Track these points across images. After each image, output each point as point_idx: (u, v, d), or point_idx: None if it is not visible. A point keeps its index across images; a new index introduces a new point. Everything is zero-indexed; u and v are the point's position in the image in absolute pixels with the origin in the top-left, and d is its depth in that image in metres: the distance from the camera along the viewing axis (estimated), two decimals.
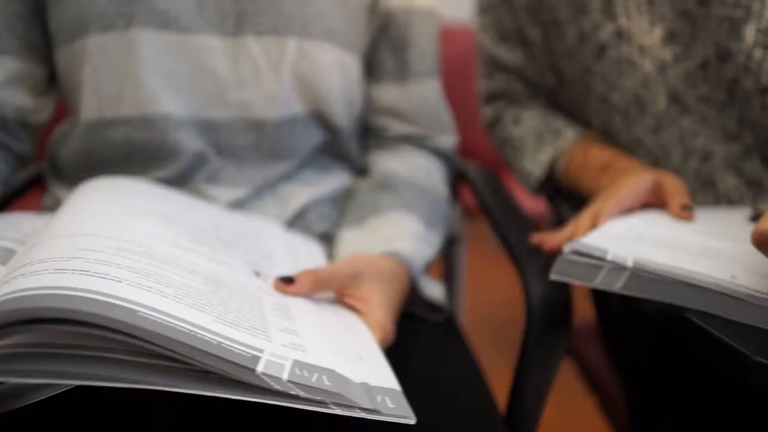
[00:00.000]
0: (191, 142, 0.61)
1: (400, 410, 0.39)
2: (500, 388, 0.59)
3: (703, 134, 0.64)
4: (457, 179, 0.81)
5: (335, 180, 0.70)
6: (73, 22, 0.59)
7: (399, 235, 0.60)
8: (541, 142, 0.75)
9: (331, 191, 0.69)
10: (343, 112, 0.67)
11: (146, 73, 0.59)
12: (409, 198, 0.65)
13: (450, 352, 0.60)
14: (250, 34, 0.62)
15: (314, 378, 0.37)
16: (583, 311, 0.77)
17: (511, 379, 0.59)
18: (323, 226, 0.66)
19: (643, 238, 0.51)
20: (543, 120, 0.76)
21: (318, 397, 0.36)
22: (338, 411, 0.37)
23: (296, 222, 0.65)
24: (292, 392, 0.36)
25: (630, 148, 0.69)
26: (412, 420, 0.39)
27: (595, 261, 0.47)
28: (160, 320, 0.35)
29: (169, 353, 0.34)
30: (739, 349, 0.38)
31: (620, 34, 0.65)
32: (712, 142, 0.64)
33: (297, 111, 0.64)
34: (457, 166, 0.78)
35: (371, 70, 0.72)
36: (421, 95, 0.72)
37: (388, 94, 0.71)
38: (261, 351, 0.37)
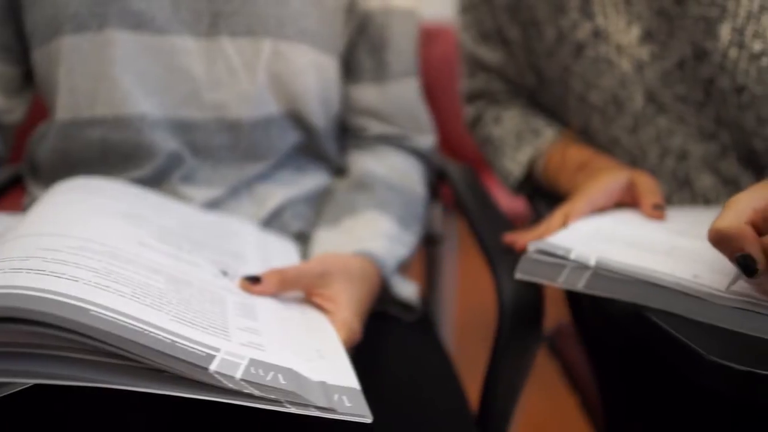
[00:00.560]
0: (166, 143, 0.61)
1: (356, 409, 0.39)
2: None
3: (680, 133, 0.64)
4: (439, 179, 0.81)
5: (313, 180, 0.70)
6: (47, 22, 0.60)
7: (372, 235, 0.60)
8: (520, 141, 0.75)
9: (308, 191, 0.69)
10: (319, 112, 0.67)
11: (121, 73, 0.59)
12: (384, 198, 0.66)
13: (423, 352, 0.60)
14: (225, 34, 0.62)
15: (269, 377, 0.38)
16: (567, 312, 0.78)
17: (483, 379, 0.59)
18: (299, 225, 0.66)
19: (612, 238, 0.52)
20: (523, 120, 0.77)
21: (272, 396, 0.37)
22: (293, 410, 0.37)
23: (272, 221, 0.65)
24: (246, 391, 0.36)
25: (608, 147, 0.69)
26: (368, 419, 0.39)
27: (559, 260, 0.47)
28: (112, 319, 0.35)
29: (121, 352, 0.34)
30: (694, 348, 0.38)
31: (597, 34, 0.65)
32: (689, 142, 0.64)
33: (273, 111, 0.65)
34: (436, 165, 0.78)
35: (349, 70, 0.72)
36: (400, 95, 0.72)
37: (367, 94, 0.72)
38: (217, 350, 0.38)
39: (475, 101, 0.83)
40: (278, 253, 0.60)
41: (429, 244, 0.85)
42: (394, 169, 0.69)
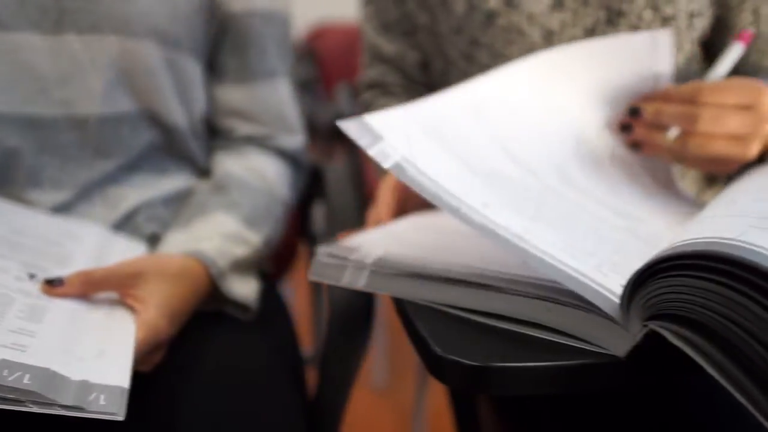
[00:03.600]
0: (6, 139, 0.61)
1: (110, 407, 0.40)
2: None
3: None
4: (318, 179, 0.82)
5: (174, 181, 0.71)
6: None
7: (208, 235, 0.62)
8: None
9: (168, 193, 0.70)
10: (179, 111, 0.68)
11: None
12: (235, 198, 0.67)
13: (256, 350, 0.61)
14: (71, 31, 0.62)
15: (13, 377, 0.39)
16: None
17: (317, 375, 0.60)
18: (153, 227, 0.67)
19: (413, 235, 0.52)
20: None
21: (11, 396, 0.38)
22: (35, 409, 0.38)
23: (124, 225, 0.66)
24: None
25: None
26: (119, 417, 0.40)
27: (342, 261, 0.48)
28: None
29: None
30: (431, 344, 0.39)
31: (510, 2, 0.66)
32: None
33: (125, 109, 0.66)
34: (308, 165, 0.79)
35: (214, 71, 0.73)
36: (264, 95, 0.73)
37: (232, 94, 0.73)
38: None
39: (370, 90, 0.84)
40: (120, 257, 0.61)
41: (311, 244, 0.86)
42: (252, 170, 0.70)
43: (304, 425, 0.57)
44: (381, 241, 0.51)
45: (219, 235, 0.62)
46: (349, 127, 0.43)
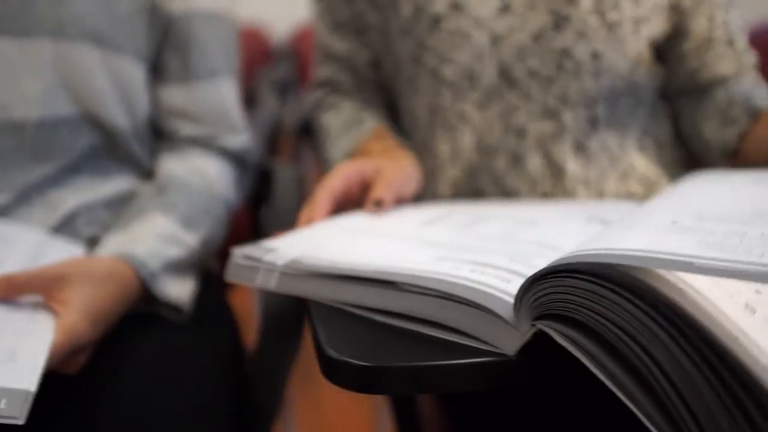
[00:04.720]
0: None
1: (10, 411, 0.40)
2: None
3: (524, 110, 0.67)
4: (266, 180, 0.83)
5: (116, 184, 0.71)
6: None
7: (142, 236, 0.62)
8: (345, 130, 0.76)
9: (110, 195, 0.70)
10: (120, 113, 0.68)
11: None
12: (172, 199, 0.67)
13: (197, 350, 0.61)
14: (5, 36, 0.63)
15: None
16: None
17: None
18: (93, 231, 0.67)
19: (330, 237, 0.52)
20: (355, 111, 0.78)
21: None
22: None
23: (63, 228, 0.66)
24: None
25: (455, 124, 0.71)
26: (19, 421, 0.40)
27: (254, 263, 0.48)
28: None
29: None
30: (320, 343, 0.39)
31: (456, 6, 0.66)
32: (530, 120, 0.67)
33: (64, 112, 0.66)
34: (254, 166, 0.79)
35: (158, 72, 0.73)
36: (207, 95, 0.73)
37: (175, 95, 0.73)
38: None
39: (322, 89, 0.85)
40: (56, 260, 0.61)
41: None
42: (193, 170, 0.71)
43: (234, 426, 0.58)
44: (300, 242, 0.51)
45: (153, 237, 0.62)
46: (243, 249, 0.50)
